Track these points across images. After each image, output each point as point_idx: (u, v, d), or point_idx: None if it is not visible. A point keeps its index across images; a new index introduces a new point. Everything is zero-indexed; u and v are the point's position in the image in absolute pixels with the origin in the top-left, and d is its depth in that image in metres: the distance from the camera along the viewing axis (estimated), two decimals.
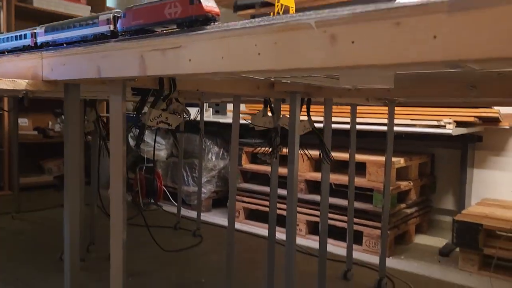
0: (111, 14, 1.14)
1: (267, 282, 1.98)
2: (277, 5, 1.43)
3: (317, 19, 0.67)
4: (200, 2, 0.90)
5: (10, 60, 1.41)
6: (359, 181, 2.73)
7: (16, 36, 1.45)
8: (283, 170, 1.77)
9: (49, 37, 1.34)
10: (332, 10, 0.65)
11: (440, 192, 3.42)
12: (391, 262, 2.60)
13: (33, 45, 1.40)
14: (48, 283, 2.21)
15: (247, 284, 2.27)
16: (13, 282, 2.21)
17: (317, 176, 2.99)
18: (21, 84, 1.21)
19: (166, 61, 0.93)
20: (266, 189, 3.24)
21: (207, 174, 3.83)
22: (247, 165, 3.54)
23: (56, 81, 1.26)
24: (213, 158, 3.96)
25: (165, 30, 1.01)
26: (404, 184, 2.95)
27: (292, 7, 1.51)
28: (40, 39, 1.37)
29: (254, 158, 3.62)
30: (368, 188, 2.81)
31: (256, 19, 0.76)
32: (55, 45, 1.32)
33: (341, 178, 2.88)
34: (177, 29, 0.96)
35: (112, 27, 1.14)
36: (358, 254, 2.70)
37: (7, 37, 1.48)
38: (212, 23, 0.91)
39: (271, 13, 1.37)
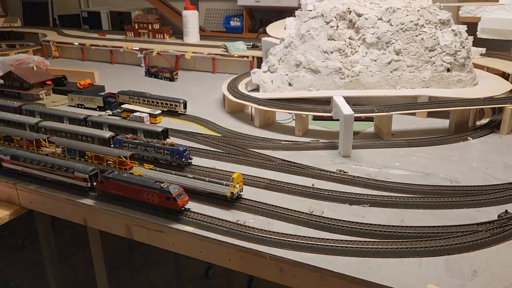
0: (87, 175, 1.42)
1: None
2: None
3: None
4: (175, 200, 1.28)
5: None
6: None
7: None
8: None
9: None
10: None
11: None
12: None
13: None
14: None
15: None
16: None
17: None
18: None
19: (151, 238, 1.31)
20: None
21: None
22: None
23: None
24: None
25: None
26: None
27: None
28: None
29: None
30: None
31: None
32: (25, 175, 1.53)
33: None
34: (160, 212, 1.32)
35: (89, 184, 1.42)
36: None
37: None
38: (186, 212, 1.30)
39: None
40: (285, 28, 2.76)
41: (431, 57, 2.13)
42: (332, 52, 2.23)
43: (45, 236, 1.76)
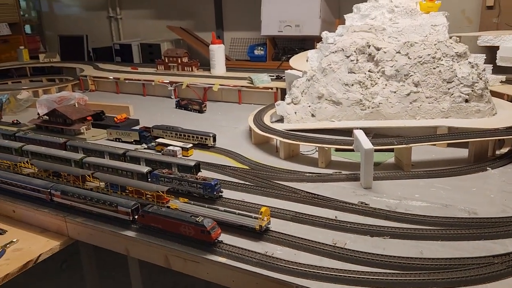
0: (129, 209, 1.57)
1: None
2: None
3: None
4: (209, 233, 1.41)
5: None
6: None
7: None
8: None
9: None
10: None
11: None
12: None
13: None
14: None
15: None
16: None
17: None
18: None
19: (187, 268, 1.44)
20: None
21: None
22: None
23: None
24: None
25: None
26: None
27: None
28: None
29: None
30: None
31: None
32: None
33: None
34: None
35: (131, 218, 1.57)
36: None
37: None
38: (219, 244, 1.42)
39: None
40: (307, 61, 2.90)
41: (449, 89, 2.22)
42: (352, 85, 2.34)
43: (88, 263, 1.91)
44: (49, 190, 1.75)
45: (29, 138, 2.39)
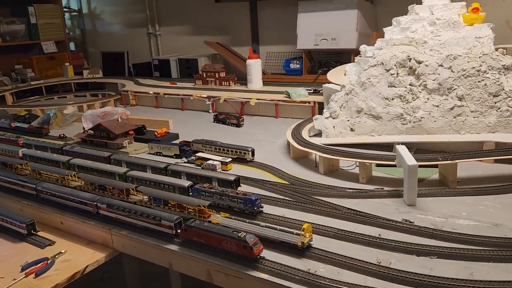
0: (173, 223, 1.60)
1: None
2: None
3: None
4: (252, 249, 1.41)
5: None
6: None
7: None
8: None
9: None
10: None
11: None
12: None
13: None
14: None
15: None
16: None
17: None
18: None
19: (230, 283, 1.44)
20: None
21: None
22: None
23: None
24: None
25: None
26: None
27: None
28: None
29: None
30: None
31: None
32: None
33: None
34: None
35: (174, 231, 1.60)
36: None
37: None
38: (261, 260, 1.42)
39: None
40: (345, 74, 2.88)
41: (495, 102, 2.14)
42: (393, 99, 2.31)
43: (131, 274, 1.95)
44: (95, 203, 1.82)
45: (75, 152, 2.49)
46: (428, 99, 2.26)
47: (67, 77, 5.38)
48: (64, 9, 6.45)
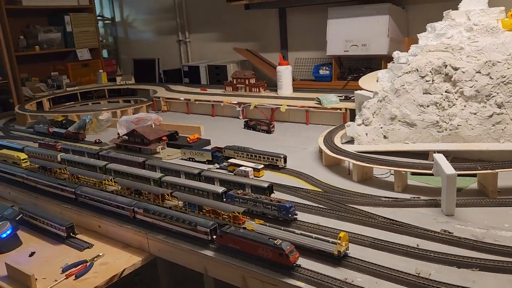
0: (208, 229, 1.61)
1: None
2: None
3: None
4: (288, 257, 1.41)
5: None
6: None
7: None
8: None
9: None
10: None
11: None
12: None
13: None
14: None
15: None
16: None
17: None
18: None
19: None
20: None
21: None
22: None
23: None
24: None
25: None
26: None
27: None
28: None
29: None
30: None
31: None
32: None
33: None
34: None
35: (209, 237, 1.62)
36: None
37: None
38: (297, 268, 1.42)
39: None
40: (377, 81, 2.85)
41: None
42: (428, 106, 2.27)
43: (165, 278, 1.98)
44: (132, 208, 1.86)
45: (111, 157, 2.56)
46: (465, 106, 2.20)
47: (100, 84, 5.53)
48: (98, 18, 6.65)
